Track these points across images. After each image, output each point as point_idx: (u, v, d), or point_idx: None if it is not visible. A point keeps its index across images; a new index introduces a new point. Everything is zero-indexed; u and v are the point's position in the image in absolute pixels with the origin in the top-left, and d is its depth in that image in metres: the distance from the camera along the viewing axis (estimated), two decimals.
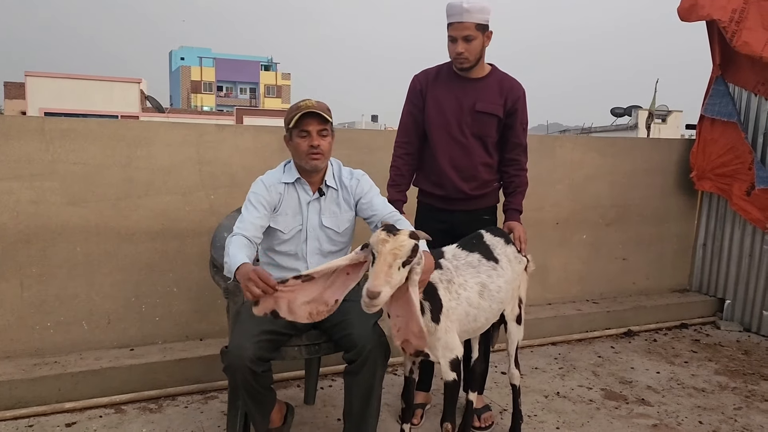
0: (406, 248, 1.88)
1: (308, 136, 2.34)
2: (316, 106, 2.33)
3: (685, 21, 4.26)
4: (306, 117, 2.32)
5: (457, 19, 2.54)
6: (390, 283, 1.85)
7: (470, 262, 2.36)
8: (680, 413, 3.04)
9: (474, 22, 2.53)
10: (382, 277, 1.83)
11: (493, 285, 2.36)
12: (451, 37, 2.59)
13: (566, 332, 4.12)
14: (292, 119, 2.33)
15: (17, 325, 3.04)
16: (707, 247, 4.85)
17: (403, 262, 1.88)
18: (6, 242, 2.97)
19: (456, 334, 2.23)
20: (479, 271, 2.35)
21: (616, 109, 26.29)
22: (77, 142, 3.07)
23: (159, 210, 3.25)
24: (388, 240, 1.87)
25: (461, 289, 2.25)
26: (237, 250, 2.14)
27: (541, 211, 4.26)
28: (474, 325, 2.33)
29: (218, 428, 2.73)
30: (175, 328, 3.35)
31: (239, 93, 58.22)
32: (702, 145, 4.57)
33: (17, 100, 28.49)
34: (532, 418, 2.93)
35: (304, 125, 2.33)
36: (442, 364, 2.21)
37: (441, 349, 2.19)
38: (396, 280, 1.88)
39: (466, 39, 2.55)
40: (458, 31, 2.55)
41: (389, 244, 1.87)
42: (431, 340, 2.17)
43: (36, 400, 2.83)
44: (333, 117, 2.42)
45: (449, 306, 2.19)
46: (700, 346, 4.09)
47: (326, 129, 2.37)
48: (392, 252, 1.86)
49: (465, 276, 2.30)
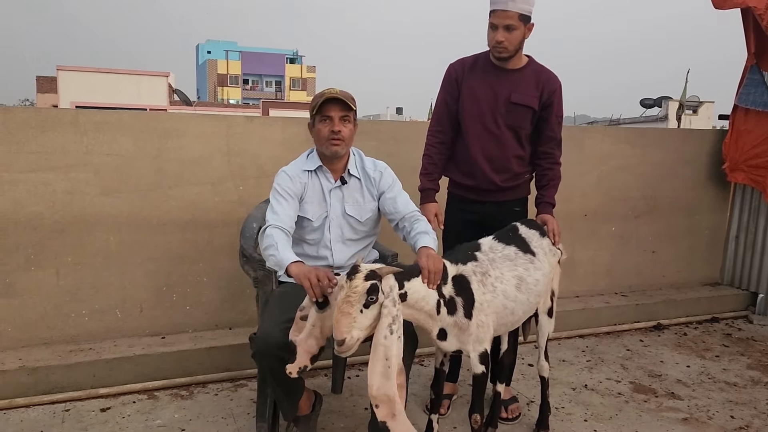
0: (359, 293, 1.86)
1: (330, 121, 2.36)
2: (339, 93, 2.35)
3: (719, 9, 4.16)
4: (329, 102, 2.34)
5: (501, 6, 2.49)
6: (357, 327, 1.86)
7: (507, 255, 2.34)
8: (711, 407, 2.99)
9: (518, 11, 2.49)
10: (342, 326, 1.84)
11: (530, 278, 2.34)
12: (492, 25, 2.54)
13: (594, 325, 4.09)
14: (315, 105, 2.36)
15: (54, 312, 3.12)
16: (740, 239, 4.75)
17: (364, 305, 1.87)
18: (43, 232, 3.05)
19: (490, 328, 2.22)
20: (516, 264, 2.33)
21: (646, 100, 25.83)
22: (110, 134, 3.13)
23: (189, 200, 3.30)
24: (343, 286, 1.88)
25: (498, 282, 2.24)
26: (284, 246, 2.18)
27: (569, 203, 4.21)
28: (512, 318, 2.33)
29: (248, 415, 2.78)
30: (205, 316, 3.41)
31: (265, 86, 58.64)
32: (735, 136, 4.47)
33: (49, 94, 29.09)
34: (559, 410, 2.91)
35: (327, 111, 2.35)
36: (472, 357, 2.21)
37: (472, 343, 2.19)
38: (364, 323, 1.87)
39: (507, 28, 2.51)
40: (501, 19, 2.50)
41: (343, 291, 1.87)
42: (463, 335, 2.16)
43: (72, 386, 2.91)
44: (358, 109, 2.42)
45: (483, 299, 2.18)
46: (731, 341, 4.02)
47: (348, 116, 2.38)
48: (346, 300, 1.86)
49: (502, 269, 2.28)
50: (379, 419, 1.90)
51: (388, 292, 1.92)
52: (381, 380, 1.87)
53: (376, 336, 1.89)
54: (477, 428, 2.31)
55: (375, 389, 1.87)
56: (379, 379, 1.87)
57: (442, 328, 2.16)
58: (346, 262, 2.48)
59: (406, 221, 2.44)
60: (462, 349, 2.20)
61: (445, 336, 2.17)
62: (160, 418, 2.75)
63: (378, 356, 1.88)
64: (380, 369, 1.87)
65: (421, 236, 2.31)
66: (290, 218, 2.33)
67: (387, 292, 1.92)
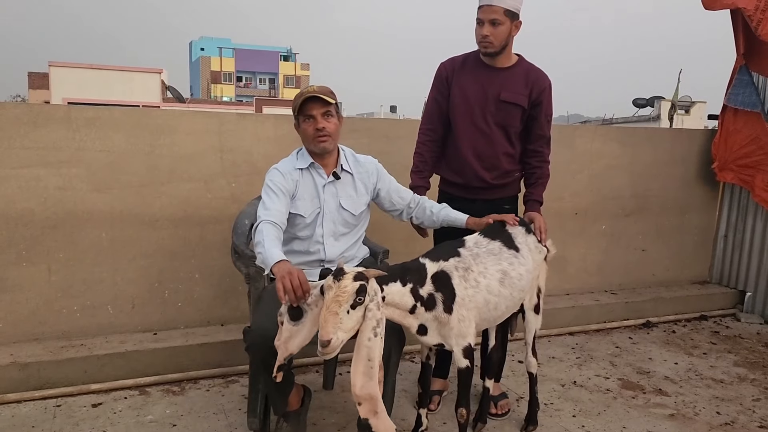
0: (348, 293, 1.88)
1: (313, 119, 2.39)
2: (317, 90, 2.38)
3: (709, 10, 4.19)
4: (309, 101, 2.38)
5: (487, 2, 2.54)
6: (342, 329, 1.87)
7: (491, 249, 2.36)
8: (698, 404, 3.03)
9: (504, 7, 2.53)
10: (329, 326, 1.85)
11: (514, 273, 2.36)
12: (479, 20, 2.58)
13: (584, 322, 4.12)
14: (296, 106, 2.41)
15: (45, 308, 3.12)
16: (728, 238, 4.80)
17: (351, 305, 1.89)
18: (35, 228, 3.05)
19: (472, 323, 2.23)
20: (500, 258, 2.35)
21: (639, 100, 25.91)
22: (102, 130, 3.13)
23: (181, 197, 3.31)
24: (332, 287, 1.89)
25: (481, 277, 2.26)
26: (272, 243, 2.16)
27: (560, 201, 4.25)
28: (494, 314, 2.34)
29: (239, 411, 2.79)
30: (197, 313, 3.41)
31: (258, 83, 58.44)
32: (724, 136, 4.52)
33: (41, 90, 28.91)
34: (548, 406, 2.94)
35: (308, 110, 2.39)
36: (456, 352, 2.22)
37: (454, 338, 2.20)
38: (349, 325, 1.89)
39: (492, 23, 2.55)
40: (486, 14, 2.55)
41: (332, 291, 1.88)
42: (444, 330, 2.19)
43: (63, 381, 2.92)
44: (352, 107, 2.47)
45: (464, 294, 2.20)
46: (719, 338, 4.07)
47: (329, 111, 2.41)
48: (335, 299, 1.87)
49: (486, 263, 2.30)
50: (361, 417, 1.96)
51: (372, 295, 1.95)
52: (364, 379, 1.93)
53: (360, 337, 1.94)
54: (463, 422, 2.33)
55: (358, 388, 1.93)
56: (362, 379, 1.93)
57: (421, 323, 2.18)
58: (337, 257, 2.50)
59: (413, 205, 2.68)
60: (444, 343, 2.22)
61: (425, 331, 2.19)
62: (151, 413, 2.76)
63: (361, 357, 1.93)
64: (363, 369, 1.93)
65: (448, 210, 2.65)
66: (282, 213, 2.34)
67: (372, 294, 1.95)
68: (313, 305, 2.02)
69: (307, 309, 2.02)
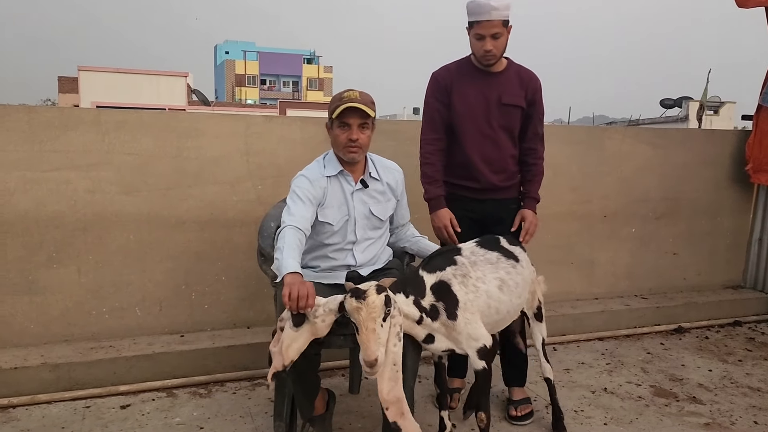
0: (379, 307, 1.93)
1: (348, 128, 2.36)
2: (359, 99, 2.33)
3: (742, 7, 4.09)
4: (348, 110, 2.33)
5: (485, 17, 2.55)
6: (381, 343, 1.93)
7: (489, 258, 2.40)
8: (734, 412, 2.94)
9: (501, 19, 2.56)
10: (372, 344, 1.90)
11: (511, 281, 2.40)
12: (478, 35, 2.60)
13: (614, 327, 4.04)
14: (335, 110, 2.34)
15: (75, 310, 3.16)
16: (763, 242, 4.67)
17: (383, 318, 1.94)
18: (65, 230, 3.09)
19: (480, 324, 2.25)
20: (498, 267, 2.39)
21: (666, 101, 25.54)
22: (130, 133, 3.16)
23: (208, 200, 3.32)
24: (361, 307, 1.92)
25: (480, 282, 2.29)
26: (290, 252, 2.12)
27: (588, 204, 4.17)
28: (497, 318, 2.36)
29: (266, 414, 2.79)
30: (224, 315, 3.42)
31: (282, 86, 58.94)
32: (759, 137, 4.40)
33: (70, 93, 29.49)
34: (579, 414, 2.89)
35: (346, 118, 2.34)
36: (470, 354, 2.23)
37: (465, 341, 2.21)
38: (384, 337, 1.95)
39: (494, 36, 2.58)
40: (486, 29, 2.57)
41: (364, 311, 1.92)
42: (453, 335, 2.20)
43: (92, 383, 2.95)
44: (375, 109, 2.42)
45: (466, 299, 2.22)
46: (754, 345, 3.96)
47: (366, 123, 2.39)
48: (370, 317, 1.92)
49: (483, 270, 2.34)
50: (390, 420, 2.00)
51: (393, 303, 2.01)
52: (390, 384, 2.00)
53: (386, 344, 1.98)
54: (483, 427, 2.30)
55: (386, 393, 2.00)
56: (388, 384, 2.00)
57: (429, 333, 2.20)
58: (367, 262, 2.49)
59: (402, 227, 2.72)
60: (455, 348, 2.23)
61: (432, 339, 2.22)
62: (179, 415, 2.77)
63: (387, 362, 1.98)
64: (389, 374, 2.00)
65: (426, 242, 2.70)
66: (306, 220, 2.31)
67: (393, 302, 2.01)
68: (320, 319, 2.05)
69: (310, 319, 2.05)
